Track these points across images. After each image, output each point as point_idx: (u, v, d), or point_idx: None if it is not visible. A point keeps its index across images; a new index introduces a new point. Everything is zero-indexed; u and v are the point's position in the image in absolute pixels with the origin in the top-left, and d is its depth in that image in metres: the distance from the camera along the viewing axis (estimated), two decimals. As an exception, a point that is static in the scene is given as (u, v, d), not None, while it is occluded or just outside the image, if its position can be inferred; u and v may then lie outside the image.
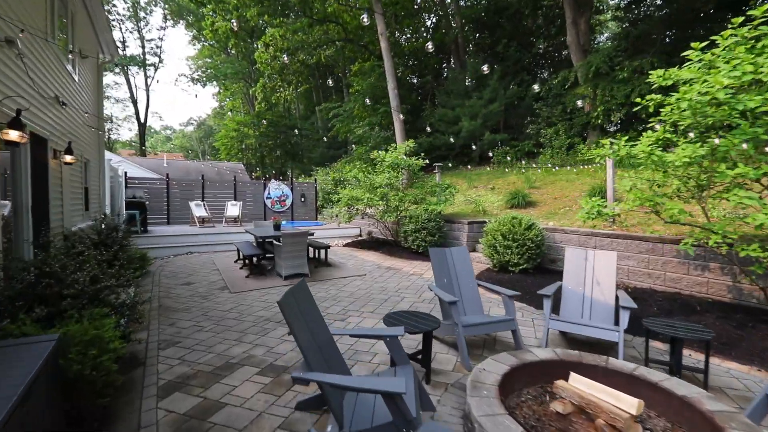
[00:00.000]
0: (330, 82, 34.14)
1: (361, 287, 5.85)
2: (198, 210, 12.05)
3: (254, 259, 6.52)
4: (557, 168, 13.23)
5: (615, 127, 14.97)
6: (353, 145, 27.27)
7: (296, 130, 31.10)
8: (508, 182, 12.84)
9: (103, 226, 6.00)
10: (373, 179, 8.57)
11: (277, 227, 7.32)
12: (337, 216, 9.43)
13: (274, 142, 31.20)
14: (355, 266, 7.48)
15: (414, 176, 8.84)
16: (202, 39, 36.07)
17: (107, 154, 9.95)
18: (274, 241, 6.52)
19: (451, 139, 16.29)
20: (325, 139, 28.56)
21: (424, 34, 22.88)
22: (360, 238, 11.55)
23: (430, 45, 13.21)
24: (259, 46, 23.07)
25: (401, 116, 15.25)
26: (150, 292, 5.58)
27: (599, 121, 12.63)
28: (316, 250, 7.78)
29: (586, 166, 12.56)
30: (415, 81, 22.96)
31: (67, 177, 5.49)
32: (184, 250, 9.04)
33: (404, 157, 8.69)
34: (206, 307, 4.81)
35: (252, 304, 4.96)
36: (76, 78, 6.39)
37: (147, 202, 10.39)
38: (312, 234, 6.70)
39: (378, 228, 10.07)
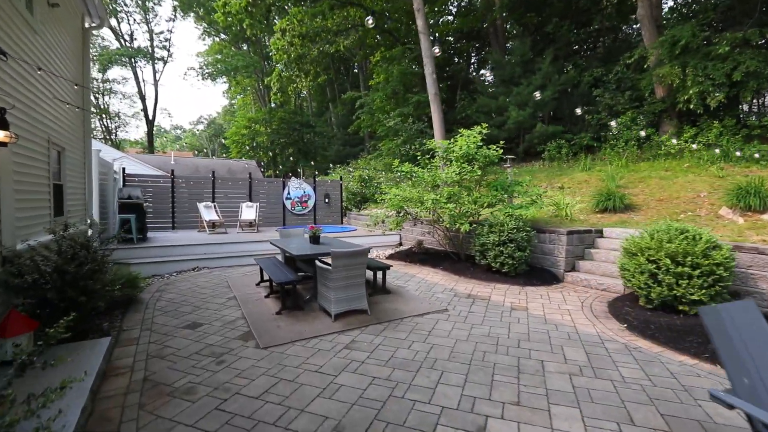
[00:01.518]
0: (347, 76, 32.37)
1: (458, 336, 3.80)
2: (208, 213, 10.14)
3: (286, 285, 4.50)
4: (626, 163, 11.04)
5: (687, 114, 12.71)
6: (373, 141, 25.33)
7: (310, 128, 29.29)
8: (578, 181, 10.70)
9: (92, 236, 4.07)
10: (436, 175, 6.52)
11: (315, 240, 5.32)
12: (383, 222, 7.40)
13: (287, 140, 29.49)
14: (423, 293, 5.43)
15: (485, 171, 6.72)
16: (212, 33, 34.51)
17: (96, 144, 8.12)
18: (318, 262, 4.51)
19: (494, 132, 14.16)
20: (346, 133, 26.69)
21: (455, 17, 20.75)
22: (402, 248, 9.51)
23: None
24: (272, 38, 21.27)
25: (441, 104, 13.19)
26: (135, 343, 3.60)
27: (691, 105, 10.39)
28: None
29: (668, 160, 10.36)
30: (446, 71, 20.85)
31: (6, 166, 3.55)
32: (190, 265, 7.10)
33: (477, 145, 6.60)
34: (222, 386, 2.80)
35: (298, 378, 2.94)
36: (38, 28, 4.47)
37: (146, 204, 8.49)
38: (369, 251, 4.68)
39: (434, 237, 8.02)
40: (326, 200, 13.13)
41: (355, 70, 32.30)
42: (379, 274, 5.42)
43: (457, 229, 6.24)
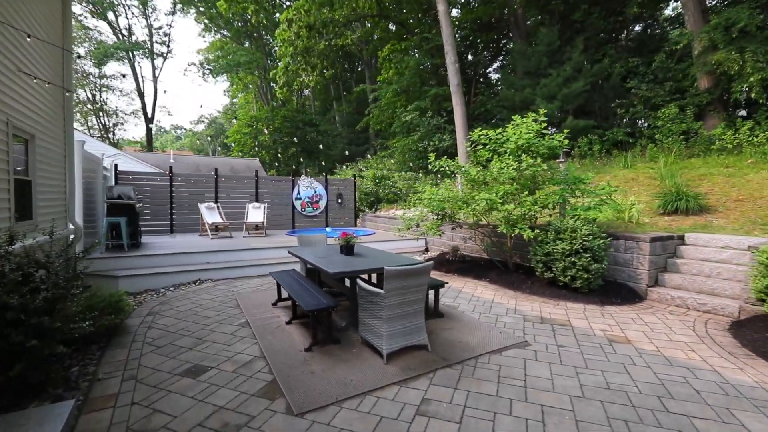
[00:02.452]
0: (352, 73, 31.42)
1: (568, 389, 2.69)
2: (210, 215, 9.05)
3: (319, 313, 3.39)
4: (674, 159, 9.95)
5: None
6: (380, 140, 24.27)
7: (313, 126, 28.27)
8: (623, 179, 9.60)
9: (63, 246, 3.00)
10: (487, 171, 5.42)
11: (348, 250, 4.22)
12: (418, 225, 6.31)
13: (290, 139, 28.48)
14: (484, 316, 4.33)
15: (537, 168, 5.55)
16: (213, 29, 33.47)
17: (80, 136, 7.04)
18: (360, 282, 3.41)
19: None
20: (351, 132, 25.64)
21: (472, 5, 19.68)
22: (430, 254, 8.42)
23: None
24: (278, 30, 20.21)
25: (463, 96, 12.12)
26: (112, 404, 2.51)
27: (753, 94, 9.32)
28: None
29: (724, 155, 9.28)
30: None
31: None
32: (190, 277, 6.00)
33: (540, 133, 5.48)
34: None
35: (366, 480, 1.83)
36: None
37: (140, 206, 7.39)
38: (431, 267, 3.56)
39: (477, 243, 6.93)
40: (339, 201, 12.04)
41: (360, 69, 31.32)
42: (431, 294, 4.32)
43: (517, 235, 5.13)
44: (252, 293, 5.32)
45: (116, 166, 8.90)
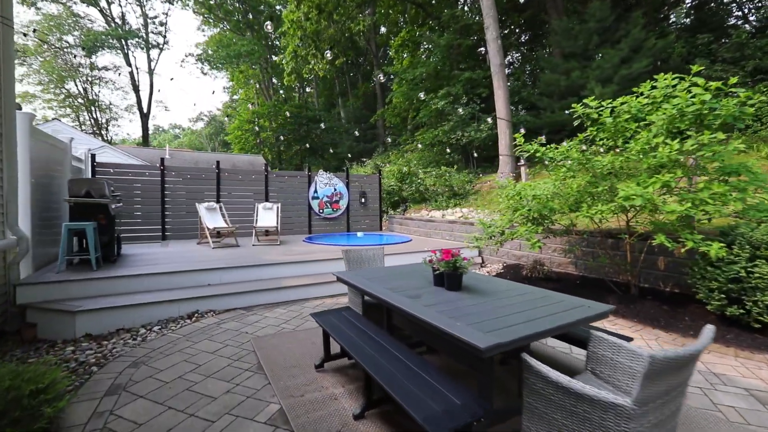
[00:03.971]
0: (358, 68, 29.80)
1: None
2: (211, 218, 7.28)
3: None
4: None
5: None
6: (392, 135, 22.54)
7: (318, 123, 26.54)
8: (719, 172, 7.86)
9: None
10: (621, 156, 3.65)
11: (453, 281, 2.46)
12: (502, 233, 4.53)
13: (294, 136, 26.78)
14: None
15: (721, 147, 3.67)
16: (213, 21, 31.66)
17: (54, 126, 5.28)
18: (541, 367, 1.63)
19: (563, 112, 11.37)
20: (359, 128, 23.97)
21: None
22: (490, 268, 6.66)
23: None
24: (286, 10, 18.46)
25: (506, 77, 10.38)
26: None
27: None
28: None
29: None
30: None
31: None
32: (185, 308, 4.22)
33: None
34: None
35: None
36: None
37: (117, 206, 5.57)
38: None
39: (563, 254, 5.15)
40: (362, 200, 10.27)
41: (367, 66, 29.62)
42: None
43: (679, 245, 3.33)
44: (275, 338, 3.53)
45: (93, 156, 7.11)
